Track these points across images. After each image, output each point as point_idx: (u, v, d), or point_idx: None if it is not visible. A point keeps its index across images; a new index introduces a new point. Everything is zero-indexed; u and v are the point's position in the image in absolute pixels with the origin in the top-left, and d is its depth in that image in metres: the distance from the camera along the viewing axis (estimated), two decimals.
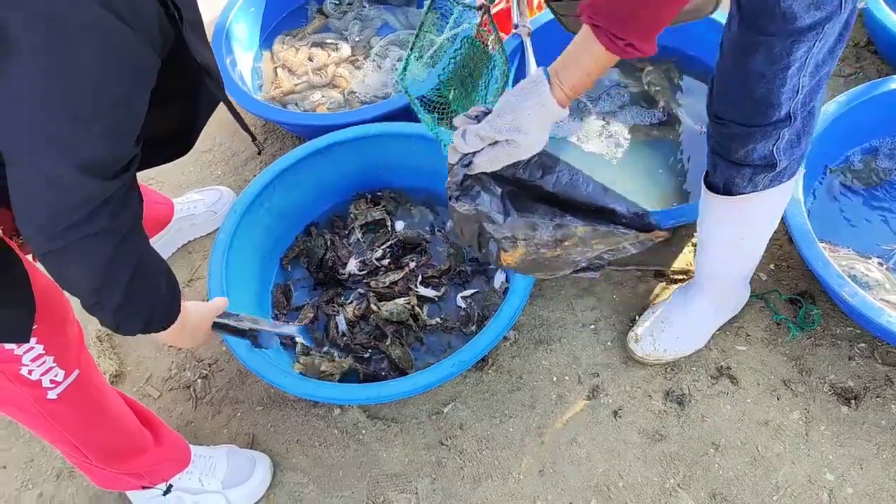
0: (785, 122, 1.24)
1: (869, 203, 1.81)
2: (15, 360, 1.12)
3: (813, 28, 1.10)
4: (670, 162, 1.96)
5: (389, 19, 2.41)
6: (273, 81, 2.29)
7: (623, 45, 0.95)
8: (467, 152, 1.09)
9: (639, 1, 0.92)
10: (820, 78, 1.21)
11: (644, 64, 2.14)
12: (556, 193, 1.13)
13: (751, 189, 1.35)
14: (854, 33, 2.17)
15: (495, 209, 1.11)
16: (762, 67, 1.18)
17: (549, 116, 1.05)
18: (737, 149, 1.30)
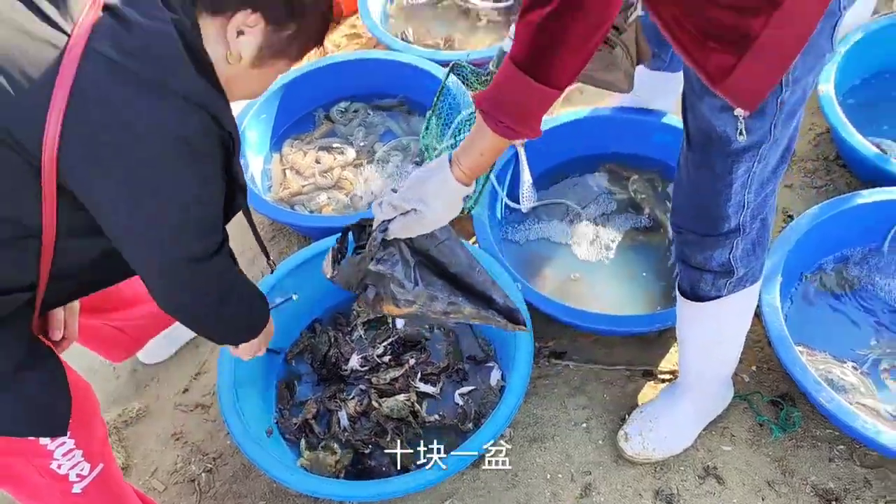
0: (736, 233, 1.37)
1: (842, 309, 1.92)
2: (47, 454, 1.18)
3: (748, 150, 1.25)
4: (656, 266, 2.08)
5: (392, 126, 2.57)
6: (282, 183, 2.42)
7: (505, 128, 1.13)
8: (382, 219, 1.31)
9: (514, 92, 1.09)
10: (766, 195, 1.34)
11: (630, 173, 2.29)
12: (456, 275, 1.40)
13: (715, 293, 1.46)
14: (824, 148, 2.34)
15: (407, 277, 1.34)
16: (708, 183, 1.32)
17: (450, 192, 1.24)
18: (696, 256, 1.43)
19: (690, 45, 1.16)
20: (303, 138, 2.56)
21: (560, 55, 1.04)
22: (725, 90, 1.15)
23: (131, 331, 1.83)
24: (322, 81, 2.60)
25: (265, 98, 2.48)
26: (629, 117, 2.25)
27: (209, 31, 1.09)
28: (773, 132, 1.23)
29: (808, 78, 1.20)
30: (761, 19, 1.06)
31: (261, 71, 1.17)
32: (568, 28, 1.00)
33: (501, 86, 1.10)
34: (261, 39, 1.12)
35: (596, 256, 2.14)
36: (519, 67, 1.06)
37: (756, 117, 1.20)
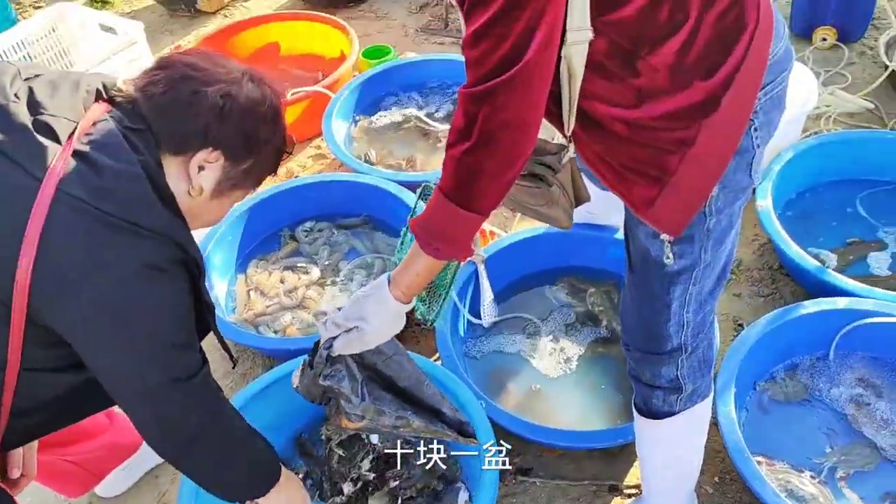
0: (679, 352, 1.43)
1: (796, 417, 1.98)
2: None
3: (682, 273, 1.33)
4: (616, 378, 2.13)
5: (356, 244, 2.64)
6: (246, 304, 2.45)
7: (434, 250, 1.23)
8: (328, 336, 1.38)
9: (443, 218, 1.19)
10: (705, 314, 1.42)
11: (588, 286, 2.38)
12: (405, 389, 1.46)
13: (668, 409, 1.51)
14: (768, 258, 2.46)
15: (354, 392, 1.40)
16: (649, 304, 1.40)
17: (388, 310, 1.33)
18: (645, 373, 1.49)
19: (614, 180, 1.27)
20: (268, 259, 2.61)
21: (479, 184, 1.14)
22: (649, 218, 1.25)
23: (88, 464, 1.79)
24: (287, 203, 2.68)
25: (231, 221, 2.54)
26: (585, 233, 2.36)
27: (171, 169, 1.17)
28: (704, 256, 1.32)
29: (733, 208, 1.29)
30: (676, 157, 1.17)
31: (219, 201, 1.27)
32: (483, 162, 1.11)
33: (431, 212, 1.21)
34: (220, 173, 1.21)
35: (557, 369, 2.18)
36: (445, 196, 1.16)
37: (685, 243, 1.29)
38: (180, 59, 1.20)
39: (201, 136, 1.16)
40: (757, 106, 1.18)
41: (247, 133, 1.20)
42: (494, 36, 1.01)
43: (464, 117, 1.09)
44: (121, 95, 1.17)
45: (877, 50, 3.09)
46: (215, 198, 1.24)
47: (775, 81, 1.20)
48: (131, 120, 1.14)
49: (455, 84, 3.27)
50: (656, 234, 1.28)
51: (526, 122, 1.09)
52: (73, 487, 1.85)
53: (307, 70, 3.53)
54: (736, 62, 1.11)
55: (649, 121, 1.15)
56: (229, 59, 1.24)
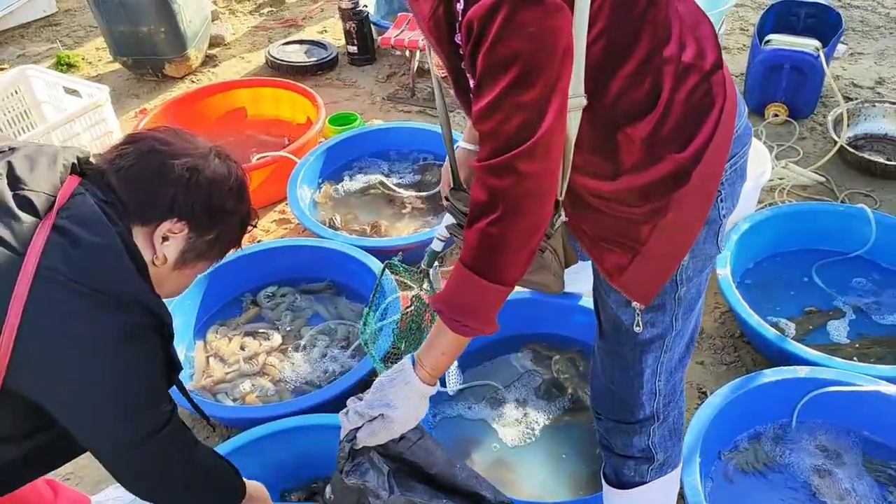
0: (651, 420, 1.43)
1: (762, 487, 1.97)
2: None
3: (654, 341, 1.34)
4: (580, 447, 2.11)
5: (320, 310, 2.61)
6: (204, 371, 2.39)
7: (461, 326, 1.17)
8: (350, 428, 1.29)
9: (467, 292, 1.15)
10: (674, 383, 1.43)
11: (553, 353, 2.37)
12: (435, 475, 1.34)
13: (639, 479, 1.49)
14: (730, 326, 2.50)
15: (381, 485, 1.28)
16: (620, 372, 1.40)
17: (414, 393, 1.25)
18: (616, 442, 1.48)
19: (590, 246, 1.29)
20: (228, 324, 2.56)
21: (507, 256, 1.12)
22: (621, 285, 1.26)
23: None
24: (250, 267, 2.65)
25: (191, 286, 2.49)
26: (550, 300, 2.36)
27: (139, 238, 1.20)
28: (675, 324, 1.33)
29: (701, 276, 1.32)
30: (648, 227, 1.19)
31: (181, 272, 1.28)
32: (509, 232, 1.10)
33: (455, 287, 1.17)
34: (184, 244, 1.24)
35: (521, 438, 2.15)
36: (470, 269, 1.13)
37: (656, 311, 1.31)
38: (149, 134, 1.25)
39: (167, 207, 1.20)
40: (724, 178, 1.22)
41: (212, 205, 1.23)
42: (509, 106, 1.01)
43: (485, 191, 1.08)
44: (91, 168, 1.21)
45: (826, 126, 3.23)
46: (178, 268, 1.26)
47: (739, 154, 1.25)
48: (103, 192, 1.17)
49: (420, 152, 3.32)
50: (628, 302, 1.29)
51: (548, 188, 1.09)
52: None
53: (273, 135, 3.55)
54: (707, 135, 1.15)
55: (624, 192, 1.18)
56: (196, 136, 1.29)
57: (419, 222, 2.98)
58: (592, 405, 1.52)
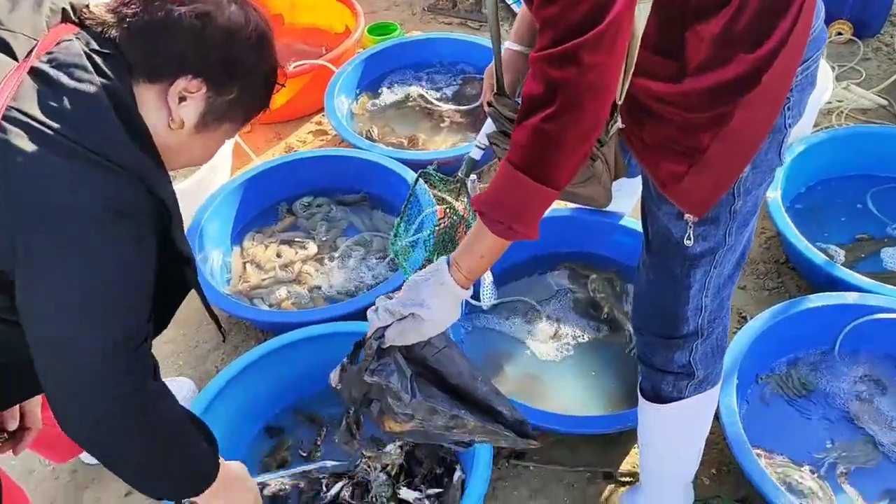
0: (695, 336, 1.39)
1: (798, 411, 1.94)
2: None
3: (704, 256, 1.28)
4: (614, 366, 2.09)
5: (355, 221, 2.59)
6: (241, 276, 2.40)
7: (505, 229, 1.11)
8: (379, 326, 1.22)
9: (514, 193, 1.08)
10: (722, 299, 1.37)
11: (589, 272, 2.33)
12: (457, 386, 1.30)
13: (676, 395, 1.47)
14: (774, 251, 2.42)
15: (404, 388, 1.23)
16: (667, 287, 1.35)
17: (448, 295, 1.18)
18: (656, 357, 1.44)
19: (644, 154, 1.22)
20: (264, 231, 2.56)
21: (560, 155, 1.05)
22: (675, 196, 1.20)
23: None
24: (286, 176, 2.63)
25: (228, 191, 2.49)
26: (589, 218, 2.31)
27: (147, 99, 1.05)
28: (728, 239, 1.27)
29: (760, 189, 1.25)
30: (709, 134, 1.12)
31: (205, 136, 1.13)
32: (566, 130, 1.03)
33: (500, 188, 1.10)
34: (203, 105, 1.09)
35: (555, 355, 2.14)
36: (518, 169, 1.06)
37: (709, 225, 1.25)
38: None
39: (177, 62, 1.04)
40: (794, 83, 1.14)
41: (228, 59, 1.08)
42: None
43: (543, 83, 1.00)
44: (90, 18, 1.05)
45: (893, 46, 3.05)
46: (200, 132, 1.11)
47: (812, 58, 1.16)
48: (100, 44, 1.02)
49: (462, 64, 3.22)
50: (680, 214, 1.23)
51: (610, 84, 1.01)
52: (59, 453, 1.80)
53: (311, 45, 3.46)
54: (782, 35, 1.06)
55: (687, 96, 1.10)
56: None
57: (457, 136, 2.91)
58: (633, 319, 1.48)
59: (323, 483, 1.82)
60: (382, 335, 1.23)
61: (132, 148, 0.99)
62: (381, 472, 1.81)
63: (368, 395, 1.28)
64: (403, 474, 1.83)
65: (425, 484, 1.81)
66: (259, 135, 3.06)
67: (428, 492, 1.79)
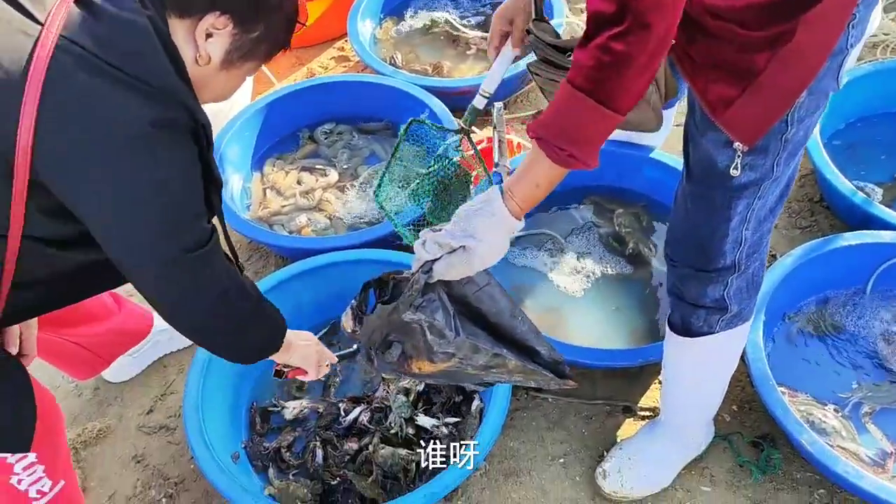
0: (731, 270, 1.34)
1: (824, 351, 1.90)
2: (7, 469, 1.13)
3: (748, 186, 1.22)
4: (639, 300, 2.06)
5: (377, 149, 2.54)
6: (261, 202, 2.38)
7: (566, 156, 1.04)
8: (427, 259, 1.17)
9: (576, 117, 1.02)
10: (762, 233, 1.32)
11: (615, 206, 2.28)
12: (497, 325, 1.25)
13: (707, 329, 1.43)
14: (808, 189, 2.35)
15: (448, 325, 1.19)
16: (706, 218, 1.29)
17: (501, 226, 1.12)
18: (689, 290, 1.40)
19: (694, 75, 1.14)
20: (285, 158, 2.52)
21: (626, 78, 0.99)
22: (725, 122, 1.13)
23: (95, 348, 1.76)
24: (308, 101, 2.57)
25: (248, 115, 2.45)
26: (618, 150, 2.24)
27: (178, 33, 1.10)
28: (776, 170, 1.21)
29: (813, 117, 1.18)
30: (766, 55, 1.04)
31: (229, 73, 1.17)
32: (634, 50, 0.97)
33: (560, 111, 1.04)
34: (229, 42, 1.13)
35: (578, 288, 2.11)
36: (583, 91, 1.00)
37: (759, 154, 1.18)
38: None
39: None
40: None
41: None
42: None
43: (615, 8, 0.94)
44: None
45: None
46: (224, 69, 1.16)
47: None
48: None
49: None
50: (727, 141, 1.17)
51: (678, 2, 0.95)
52: (81, 370, 1.83)
53: None
54: None
55: (747, 11, 1.02)
56: None
57: (483, 64, 2.82)
58: (667, 250, 1.43)
59: (341, 408, 1.83)
60: (430, 269, 1.17)
61: (174, 75, 1.04)
62: (401, 394, 1.82)
63: (389, 337, 1.25)
64: (422, 402, 1.84)
65: (444, 412, 1.82)
66: (281, 60, 2.99)
67: (446, 420, 1.79)
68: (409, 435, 1.75)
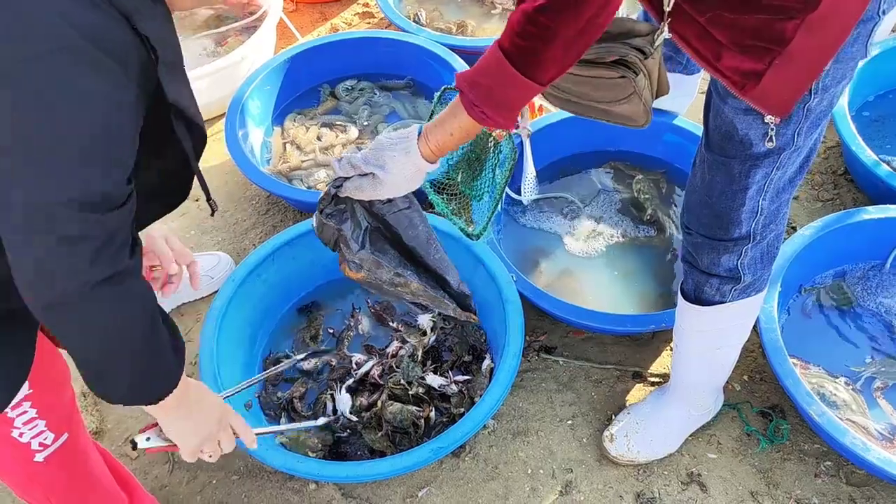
0: (746, 240, 1.33)
1: (839, 324, 1.89)
2: (8, 422, 1.12)
3: (768, 156, 1.20)
4: (654, 267, 2.05)
5: (397, 107, 2.53)
6: (281, 156, 2.38)
7: (479, 113, 1.08)
8: (340, 176, 1.25)
9: (497, 80, 1.04)
10: (780, 204, 1.30)
11: (635, 172, 2.26)
12: (411, 248, 1.35)
13: (719, 299, 1.43)
14: (833, 162, 2.31)
15: (354, 238, 1.30)
16: (723, 186, 1.28)
17: (411, 164, 1.18)
18: (703, 259, 1.39)
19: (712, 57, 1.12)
20: (306, 113, 2.52)
21: (550, 51, 0.99)
22: (754, 98, 1.11)
23: None
24: (330, 57, 2.56)
25: (270, 69, 2.44)
26: None
27: None
28: (797, 140, 1.19)
29: (838, 87, 1.15)
30: (795, 22, 1.02)
31: None
32: (561, 25, 0.96)
33: (484, 71, 1.06)
34: None
35: (594, 253, 2.10)
36: (506, 56, 1.01)
37: (780, 123, 1.16)
38: None
39: None
40: None
41: None
42: None
43: None
44: None
45: None
46: None
47: None
48: None
49: None
50: (750, 110, 1.15)
51: None
52: None
53: None
54: None
55: None
56: None
57: None
58: (683, 219, 1.42)
59: (353, 361, 1.85)
60: (341, 185, 1.26)
61: None
62: (413, 340, 1.84)
63: (333, 237, 1.33)
64: (431, 360, 1.85)
65: (453, 371, 1.83)
66: (304, 15, 2.97)
67: (455, 378, 1.81)
68: (420, 393, 1.77)
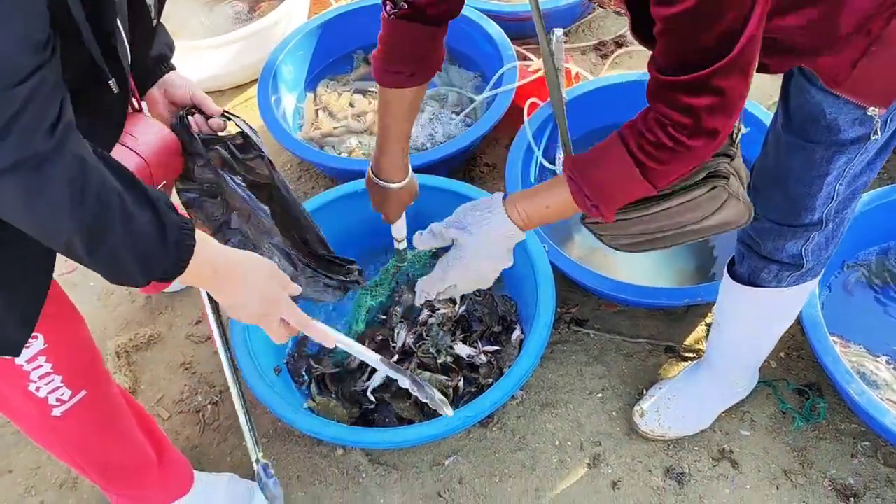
0: (816, 226, 1.26)
1: (882, 302, 1.83)
2: (24, 375, 1.13)
3: (856, 142, 1.12)
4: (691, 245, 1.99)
5: None
6: (313, 122, 2.37)
7: (590, 205, 1.05)
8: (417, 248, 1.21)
9: (615, 177, 1.01)
10: (856, 188, 1.22)
11: None
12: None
13: (775, 284, 1.36)
14: None
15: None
16: (801, 171, 1.20)
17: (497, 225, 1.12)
18: (766, 245, 1.32)
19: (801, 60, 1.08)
20: (339, 79, 2.50)
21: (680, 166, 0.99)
22: (851, 90, 1.05)
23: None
24: (364, 22, 2.52)
25: (303, 34, 2.42)
26: None
27: None
28: (889, 125, 1.12)
29: None
30: None
31: None
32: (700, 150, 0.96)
33: (601, 165, 1.02)
34: None
35: None
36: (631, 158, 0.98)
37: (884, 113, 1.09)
38: None
39: None
40: None
41: None
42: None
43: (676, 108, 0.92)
44: None
45: None
46: None
47: None
48: None
49: None
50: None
51: (741, 102, 0.94)
52: None
53: None
54: None
55: None
56: None
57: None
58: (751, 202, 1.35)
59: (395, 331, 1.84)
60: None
61: None
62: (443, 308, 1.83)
63: None
64: (461, 330, 1.84)
65: (482, 341, 1.82)
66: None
67: (485, 348, 1.79)
68: (448, 363, 1.76)
